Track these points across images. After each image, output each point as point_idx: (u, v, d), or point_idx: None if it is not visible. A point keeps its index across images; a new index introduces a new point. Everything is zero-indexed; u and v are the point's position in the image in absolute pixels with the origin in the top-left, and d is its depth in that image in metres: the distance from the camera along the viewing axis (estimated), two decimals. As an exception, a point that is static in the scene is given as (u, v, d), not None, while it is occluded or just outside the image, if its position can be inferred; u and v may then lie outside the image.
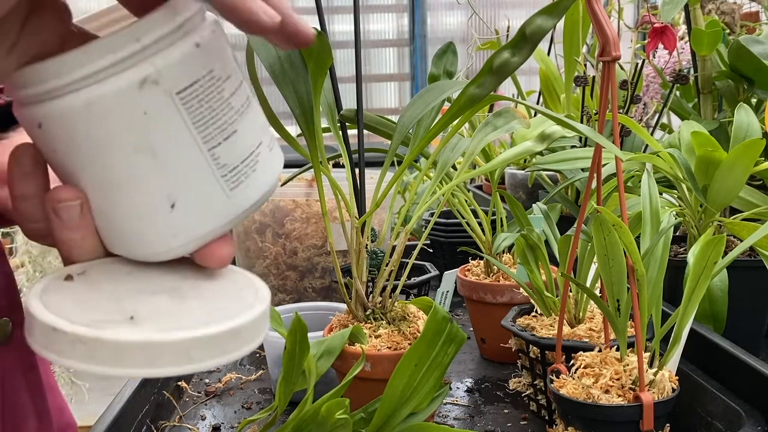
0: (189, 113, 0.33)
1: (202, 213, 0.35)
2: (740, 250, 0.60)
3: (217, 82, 0.34)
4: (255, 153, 0.36)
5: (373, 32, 3.67)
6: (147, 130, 0.33)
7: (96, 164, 0.33)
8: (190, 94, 0.33)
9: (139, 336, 0.31)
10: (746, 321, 0.80)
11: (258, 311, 0.35)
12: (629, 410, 0.55)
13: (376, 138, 0.78)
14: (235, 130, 0.35)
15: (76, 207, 0.34)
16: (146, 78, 0.32)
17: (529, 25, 0.53)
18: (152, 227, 0.35)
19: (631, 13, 2.12)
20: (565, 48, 1.19)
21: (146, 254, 0.36)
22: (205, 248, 0.36)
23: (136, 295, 0.34)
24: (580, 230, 0.62)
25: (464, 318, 1.07)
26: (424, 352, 0.59)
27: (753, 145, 0.72)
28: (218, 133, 0.34)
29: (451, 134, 0.70)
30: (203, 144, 0.34)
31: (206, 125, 0.34)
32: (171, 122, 0.33)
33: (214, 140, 0.34)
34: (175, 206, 0.34)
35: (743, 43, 0.90)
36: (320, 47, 0.63)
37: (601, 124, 0.58)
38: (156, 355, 0.31)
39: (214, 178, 0.35)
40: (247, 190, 0.36)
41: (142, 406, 0.70)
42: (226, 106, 0.35)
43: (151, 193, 0.34)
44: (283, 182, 0.97)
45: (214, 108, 0.34)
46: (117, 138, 0.33)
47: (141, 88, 0.32)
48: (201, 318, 0.33)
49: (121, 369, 0.30)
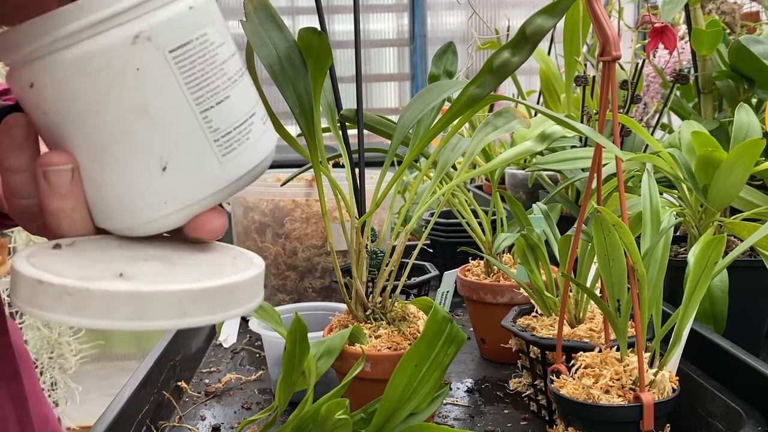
0: (182, 73, 0.33)
1: (194, 178, 0.35)
2: (740, 250, 0.60)
3: (210, 47, 0.34)
4: (248, 122, 0.36)
5: (373, 32, 3.67)
6: (139, 87, 0.33)
7: (87, 124, 0.33)
8: (182, 54, 0.33)
9: (129, 287, 0.30)
10: (746, 321, 0.79)
11: (252, 273, 0.34)
12: (629, 410, 0.55)
13: (376, 138, 0.78)
14: (228, 96, 0.35)
15: (66, 172, 0.34)
16: (139, 34, 0.32)
17: (530, 25, 0.53)
18: (143, 192, 0.34)
19: (632, 12, 2.12)
20: (565, 48, 1.19)
21: (137, 224, 0.35)
22: (198, 219, 0.36)
23: (125, 260, 0.34)
24: (580, 230, 0.62)
25: (464, 318, 1.07)
26: (424, 353, 0.59)
27: (753, 145, 0.72)
28: (211, 96, 0.34)
29: (451, 134, 0.70)
30: (195, 105, 0.34)
31: (199, 87, 0.34)
32: (163, 80, 0.33)
33: (206, 103, 0.34)
34: (167, 169, 0.34)
35: (743, 42, 0.90)
36: (320, 47, 0.63)
37: (602, 124, 0.58)
38: (146, 306, 0.30)
39: (207, 141, 0.35)
40: (239, 158, 0.36)
41: (142, 406, 0.70)
42: (219, 71, 0.35)
43: (142, 154, 0.34)
44: (283, 182, 0.97)
45: (207, 71, 0.34)
46: (109, 94, 0.33)
47: (134, 44, 0.32)
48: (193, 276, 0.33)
49: (110, 321, 0.30)
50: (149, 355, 0.78)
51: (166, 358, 0.80)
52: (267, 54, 0.63)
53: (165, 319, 0.30)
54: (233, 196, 1.08)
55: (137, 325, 0.30)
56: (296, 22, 3.30)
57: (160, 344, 0.81)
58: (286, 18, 3.32)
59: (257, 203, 1.06)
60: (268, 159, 0.38)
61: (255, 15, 0.62)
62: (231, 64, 0.36)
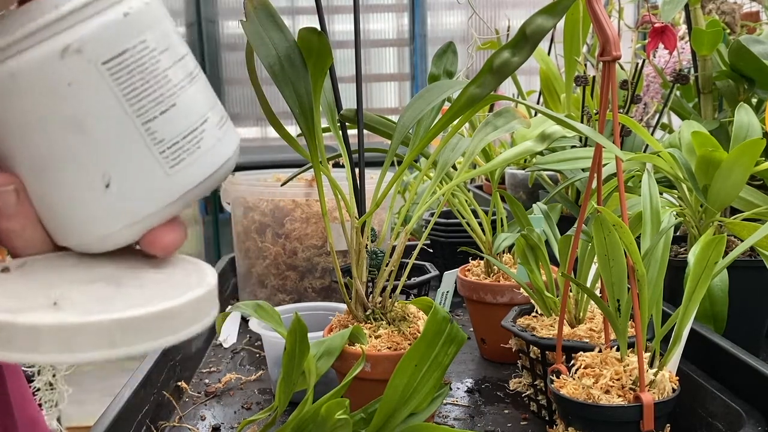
0: (118, 84, 0.32)
1: (141, 193, 0.34)
2: (740, 250, 0.60)
3: (151, 53, 0.33)
4: (199, 129, 0.35)
5: (373, 32, 3.67)
6: (73, 102, 0.32)
7: (26, 142, 0.32)
8: (118, 65, 0.32)
9: (55, 319, 0.29)
10: (746, 321, 0.79)
11: (196, 294, 0.33)
12: (629, 410, 0.55)
13: (376, 138, 0.78)
14: (174, 104, 0.34)
15: (10, 193, 0.33)
16: (68, 47, 0.31)
17: (530, 25, 0.53)
18: (89, 209, 0.33)
19: (632, 12, 2.12)
20: (565, 48, 1.19)
21: (90, 241, 0.34)
22: (149, 234, 0.35)
23: (69, 284, 0.33)
24: (580, 230, 0.62)
25: (464, 318, 1.07)
26: (424, 353, 0.59)
27: (753, 145, 0.72)
28: (153, 106, 0.33)
29: (451, 134, 0.70)
30: (136, 117, 0.33)
31: (139, 97, 0.32)
32: (98, 94, 0.32)
33: (148, 114, 0.33)
34: (110, 186, 0.33)
35: (744, 42, 0.90)
36: (320, 47, 0.63)
37: (602, 124, 0.58)
38: (73, 339, 0.29)
39: (151, 154, 0.33)
40: (189, 169, 0.35)
41: (142, 407, 0.70)
42: (162, 78, 0.33)
43: (83, 171, 0.33)
44: (283, 182, 0.97)
45: (148, 80, 0.33)
46: (43, 111, 0.32)
47: (62, 58, 0.31)
48: (134, 302, 0.31)
49: (38, 355, 0.29)
50: (149, 356, 0.78)
51: (166, 358, 0.80)
52: (267, 54, 0.63)
53: (94, 350, 0.29)
54: (233, 196, 1.09)
55: (66, 359, 0.29)
56: (296, 22, 3.31)
57: (160, 344, 0.81)
58: (286, 18, 3.32)
59: (257, 203, 1.06)
60: (228, 164, 0.37)
61: (255, 15, 0.62)
62: (177, 70, 0.34)
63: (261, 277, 1.07)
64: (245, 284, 1.10)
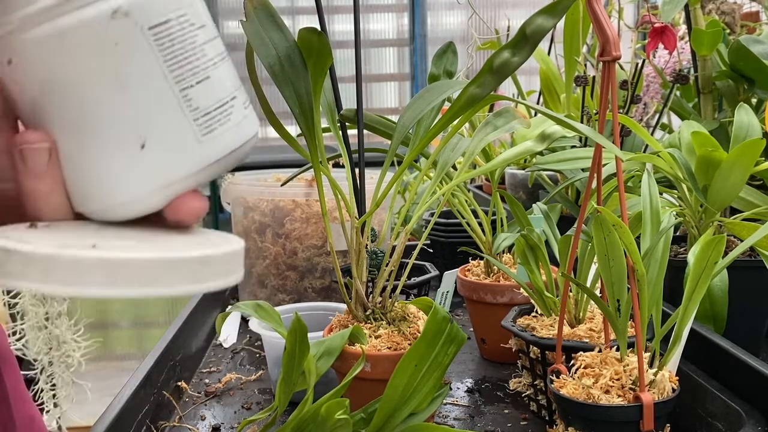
0: (161, 50, 0.33)
1: (173, 156, 0.35)
2: (740, 250, 0.60)
3: (190, 27, 0.34)
4: (229, 104, 0.36)
5: (373, 32, 3.67)
6: (118, 62, 0.33)
7: (66, 101, 0.33)
8: (162, 32, 0.33)
9: (99, 254, 0.30)
10: (746, 321, 0.79)
11: (229, 248, 0.34)
12: (629, 410, 0.55)
13: (376, 138, 0.78)
14: (208, 76, 0.35)
15: (43, 150, 0.33)
16: (118, 9, 0.32)
17: (530, 25, 0.53)
18: (121, 170, 0.34)
19: (631, 13, 2.12)
20: (565, 48, 1.19)
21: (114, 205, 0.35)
22: (176, 200, 0.35)
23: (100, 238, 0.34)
24: (580, 230, 0.62)
25: (464, 318, 1.07)
26: (424, 353, 0.59)
27: (753, 145, 0.72)
28: (191, 75, 0.34)
29: (451, 134, 0.70)
30: (175, 83, 0.34)
31: (179, 65, 0.34)
32: (142, 56, 0.33)
33: (186, 81, 0.34)
34: (146, 147, 0.34)
35: (743, 43, 0.90)
36: (320, 47, 0.63)
37: (601, 124, 0.58)
38: (117, 273, 0.30)
39: (186, 119, 0.35)
40: (220, 139, 0.36)
41: (142, 406, 0.70)
42: (200, 51, 0.35)
43: (121, 131, 0.34)
44: (283, 182, 0.97)
45: (187, 50, 0.34)
46: (88, 69, 0.33)
47: (113, 19, 0.32)
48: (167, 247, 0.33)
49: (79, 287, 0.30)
50: (149, 355, 0.78)
51: (166, 358, 0.80)
52: (267, 54, 0.63)
53: (136, 287, 0.30)
54: (233, 196, 1.08)
55: (107, 293, 0.30)
56: (296, 22, 3.31)
57: (160, 344, 0.81)
58: (286, 18, 3.31)
59: (257, 203, 1.06)
60: (249, 144, 0.38)
61: (255, 15, 0.62)
62: (211, 46, 0.36)
63: (261, 277, 1.07)
64: (245, 284, 1.10)
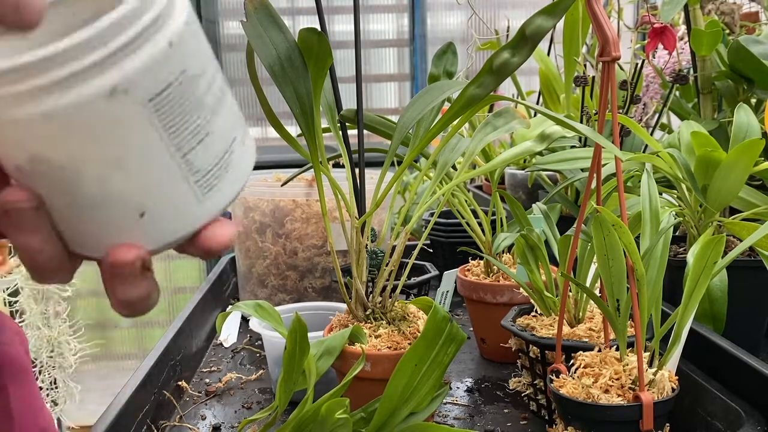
0: (161, 121, 0.30)
1: (172, 221, 0.33)
2: (740, 250, 0.60)
3: (192, 81, 0.31)
4: (228, 152, 0.34)
5: (373, 32, 3.67)
6: (116, 142, 0.30)
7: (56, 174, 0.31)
8: (162, 100, 0.30)
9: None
10: (746, 321, 0.80)
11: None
12: (629, 410, 0.55)
13: (376, 138, 0.78)
14: (209, 132, 0.33)
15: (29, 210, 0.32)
16: (116, 87, 0.29)
17: (529, 25, 0.53)
18: (116, 234, 0.33)
19: (631, 13, 2.12)
20: (564, 48, 1.19)
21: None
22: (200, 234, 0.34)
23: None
24: (579, 230, 0.62)
25: (464, 318, 1.07)
26: (424, 352, 0.59)
27: (753, 145, 0.72)
28: (192, 137, 0.32)
29: (451, 134, 0.70)
30: (176, 151, 0.31)
31: (179, 131, 0.31)
32: (142, 132, 0.30)
33: (187, 145, 0.32)
34: (145, 215, 0.32)
35: (743, 43, 0.90)
36: (320, 47, 0.63)
37: (601, 124, 0.58)
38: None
39: (187, 185, 0.33)
40: (219, 194, 0.34)
41: (142, 406, 0.70)
42: (200, 105, 0.32)
43: (118, 203, 0.32)
44: (284, 182, 0.97)
45: (188, 111, 0.31)
46: (82, 150, 0.30)
47: (111, 97, 0.29)
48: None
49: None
50: (149, 355, 0.78)
51: (167, 358, 0.80)
52: (267, 54, 0.63)
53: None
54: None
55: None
56: (296, 22, 3.30)
57: (160, 344, 0.81)
58: (286, 18, 3.31)
59: (257, 203, 1.06)
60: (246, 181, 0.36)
61: (255, 15, 0.63)
62: (212, 91, 0.33)
63: (261, 277, 1.07)
64: (245, 284, 1.10)
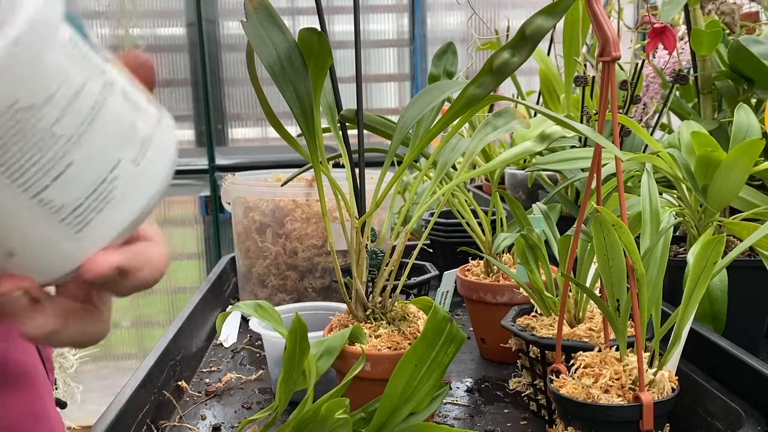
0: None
1: (46, 261, 0.31)
2: (740, 250, 0.60)
3: (28, 113, 0.27)
4: (108, 179, 0.30)
5: (373, 32, 3.67)
6: None
7: None
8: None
9: None
10: (746, 321, 0.80)
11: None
12: (629, 410, 0.55)
13: (376, 138, 0.78)
14: (70, 163, 0.29)
15: None
16: None
17: (529, 25, 0.53)
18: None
19: (631, 13, 2.12)
20: (564, 48, 1.19)
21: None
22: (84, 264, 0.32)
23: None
24: (579, 230, 0.62)
25: (464, 318, 1.07)
26: (424, 352, 0.59)
27: (753, 145, 0.72)
28: (43, 175, 0.28)
29: (451, 134, 0.70)
30: (22, 193, 0.28)
31: (21, 170, 0.28)
32: None
33: (38, 185, 0.28)
34: (14, 255, 0.30)
35: (743, 43, 0.90)
36: (320, 47, 0.63)
37: (601, 124, 0.58)
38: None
39: (49, 224, 0.30)
40: (101, 226, 0.31)
41: (142, 406, 0.70)
42: (50, 138, 0.28)
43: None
44: (284, 182, 0.97)
45: (29, 147, 0.28)
46: None
47: None
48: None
49: None
50: (149, 355, 0.78)
51: (167, 358, 0.80)
52: (267, 54, 0.63)
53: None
54: (233, 196, 1.09)
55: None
56: (296, 22, 3.30)
57: (160, 344, 0.81)
58: (286, 18, 3.31)
59: (257, 203, 1.06)
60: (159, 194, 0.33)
61: (255, 15, 0.63)
62: (69, 117, 0.28)
63: (261, 277, 1.07)
64: (245, 284, 1.10)
